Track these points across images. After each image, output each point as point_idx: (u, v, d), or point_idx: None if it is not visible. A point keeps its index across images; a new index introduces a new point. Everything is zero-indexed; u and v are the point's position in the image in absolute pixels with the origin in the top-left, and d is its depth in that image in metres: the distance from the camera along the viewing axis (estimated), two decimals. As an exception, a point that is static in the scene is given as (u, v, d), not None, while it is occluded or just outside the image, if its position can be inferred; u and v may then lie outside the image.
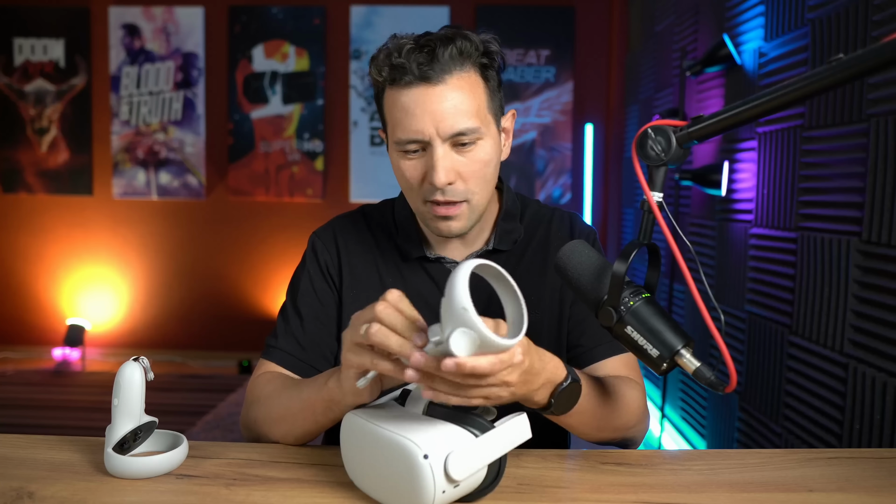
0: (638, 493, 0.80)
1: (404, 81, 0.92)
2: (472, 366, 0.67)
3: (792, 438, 1.81)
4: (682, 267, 0.73)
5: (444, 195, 0.95)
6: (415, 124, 0.92)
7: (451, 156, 0.94)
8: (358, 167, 4.25)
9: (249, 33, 4.24)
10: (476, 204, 0.98)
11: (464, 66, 0.93)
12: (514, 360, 0.71)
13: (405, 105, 0.93)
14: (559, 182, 4.23)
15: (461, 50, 0.92)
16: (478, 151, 0.95)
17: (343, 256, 1.09)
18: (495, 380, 0.71)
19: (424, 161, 0.95)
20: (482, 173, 0.96)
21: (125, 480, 0.81)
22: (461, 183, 0.95)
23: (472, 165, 0.95)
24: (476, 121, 0.93)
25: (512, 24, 4.14)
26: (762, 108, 0.74)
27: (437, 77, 0.91)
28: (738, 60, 2.21)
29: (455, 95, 0.92)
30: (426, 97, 0.92)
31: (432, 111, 0.91)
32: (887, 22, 1.44)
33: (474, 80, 0.94)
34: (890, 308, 1.41)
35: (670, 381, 2.85)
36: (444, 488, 0.70)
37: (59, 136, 4.33)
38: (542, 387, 0.79)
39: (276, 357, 1.05)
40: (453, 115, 0.92)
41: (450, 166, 0.94)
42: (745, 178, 2.15)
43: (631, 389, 0.98)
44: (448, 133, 0.92)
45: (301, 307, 1.07)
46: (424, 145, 0.94)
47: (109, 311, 4.38)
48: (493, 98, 0.98)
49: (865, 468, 0.87)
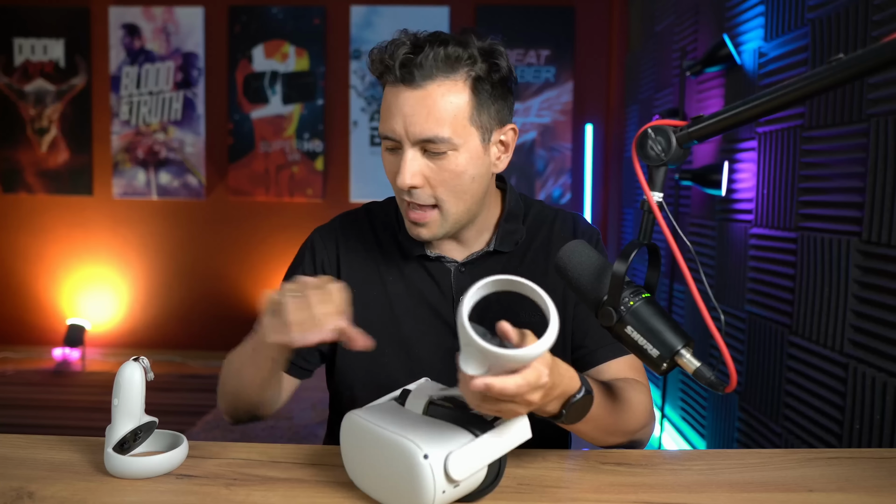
0: (638, 493, 0.80)
1: (389, 80, 0.95)
2: (499, 388, 0.68)
3: (792, 438, 1.81)
4: (682, 267, 0.73)
5: (410, 196, 0.97)
6: (389, 123, 0.94)
7: (419, 160, 0.95)
8: (358, 167, 4.25)
9: (249, 33, 4.24)
10: (449, 212, 0.98)
11: (451, 74, 0.92)
12: (540, 381, 0.71)
13: (386, 102, 0.95)
14: (559, 182, 4.23)
15: (449, 55, 0.92)
16: (448, 161, 0.94)
17: (342, 254, 1.10)
18: (519, 398, 0.71)
19: (398, 159, 0.97)
20: (453, 183, 0.96)
21: (125, 480, 0.81)
22: (428, 189, 0.96)
23: (441, 174, 0.95)
24: (448, 130, 0.92)
25: (512, 24, 4.14)
26: (762, 108, 0.74)
27: (417, 82, 0.92)
28: (738, 60, 2.21)
29: (431, 102, 0.92)
30: (402, 99, 0.93)
31: (404, 114, 0.92)
32: (887, 22, 1.44)
33: (459, 88, 0.93)
34: (890, 308, 1.41)
35: (670, 381, 2.85)
36: (444, 488, 0.70)
37: (59, 136, 4.33)
38: (556, 398, 0.79)
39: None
40: (424, 121, 0.92)
41: (416, 170, 0.94)
42: (745, 178, 2.15)
43: (639, 393, 0.98)
44: (416, 137, 0.93)
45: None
46: (398, 144, 0.96)
47: (109, 311, 4.38)
48: (480, 110, 0.95)
49: (865, 468, 0.87)
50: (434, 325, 1.05)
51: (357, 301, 1.07)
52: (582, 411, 0.82)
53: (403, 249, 1.08)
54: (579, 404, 0.80)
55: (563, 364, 0.80)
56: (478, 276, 1.05)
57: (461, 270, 1.06)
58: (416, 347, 1.05)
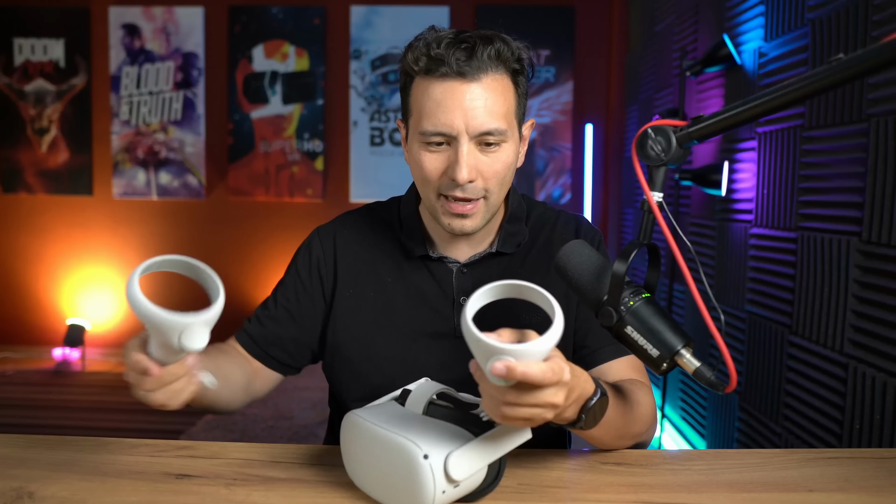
0: (638, 493, 0.80)
1: (440, 73, 0.93)
2: (522, 371, 0.65)
3: (792, 438, 1.81)
4: (682, 267, 0.73)
5: (463, 192, 0.96)
6: (445, 117, 0.93)
7: (475, 154, 0.95)
8: (358, 167, 4.25)
9: (249, 33, 4.24)
10: (492, 203, 0.99)
11: (498, 69, 0.95)
12: (563, 376, 0.69)
13: (437, 97, 0.93)
14: (559, 182, 4.23)
15: (499, 52, 0.94)
16: (501, 153, 0.96)
17: (340, 255, 1.10)
18: (542, 401, 0.69)
19: (447, 155, 0.96)
20: (502, 175, 0.98)
21: (125, 480, 0.81)
22: (481, 181, 0.96)
23: (494, 166, 0.96)
24: (504, 123, 0.95)
25: (512, 24, 4.13)
26: (762, 108, 0.74)
27: (473, 74, 0.92)
28: (738, 60, 2.21)
29: (488, 95, 0.93)
30: (460, 92, 0.92)
31: (464, 107, 0.92)
32: (887, 22, 1.44)
33: (506, 83, 0.96)
34: (890, 308, 1.41)
35: (670, 381, 2.85)
36: (444, 488, 0.70)
37: (59, 136, 4.33)
38: (574, 402, 0.77)
39: (240, 337, 1.12)
40: (484, 114, 0.93)
41: (473, 164, 0.95)
42: (745, 178, 2.15)
43: (644, 395, 0.98)
44: (477, 131, 0.93)
45: (278, 297, 1.11)
46: (450, 140, 0.95)
47: (109, 311, 4.38)
48: (519, 104, 0.99)
49: (865, 468, 0.87)
50: (434, 325, 1.05)
51: (355, 300, 1.08)
52: (599, 415, 0.81)
53: (405, 249, 1.08)
54: (596, 407, 0.79)
55: (577, 367, 0.78)
56: (479, 277, 1.06)
57: (463, 271, 1.06)
58: (415, 347, 1.05)
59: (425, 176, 0.98)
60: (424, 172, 0.98)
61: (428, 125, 0.94)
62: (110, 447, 0.92)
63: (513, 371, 0.65)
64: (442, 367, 1.02)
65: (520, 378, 0.66)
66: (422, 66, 0.94)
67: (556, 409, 0.71)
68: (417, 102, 0.96)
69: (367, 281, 1.08)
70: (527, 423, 0.72)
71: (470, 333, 0.67)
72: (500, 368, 0.65)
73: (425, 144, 0.96)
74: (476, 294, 0.70)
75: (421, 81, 0.95)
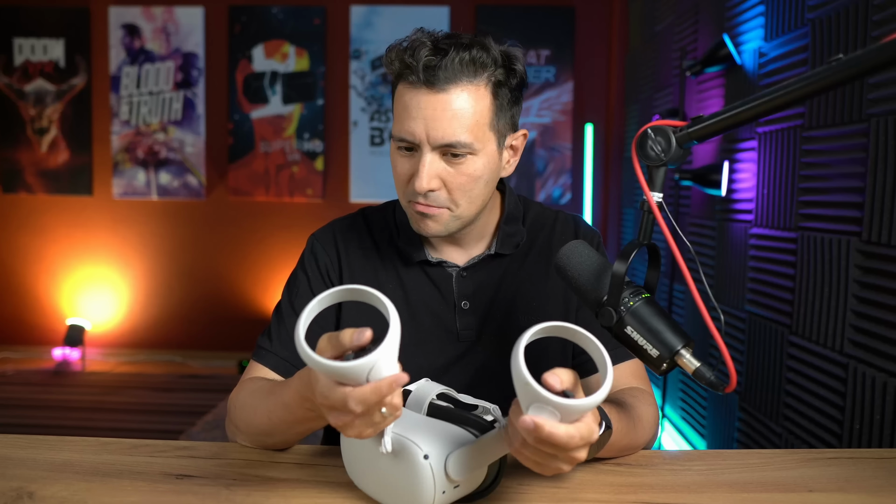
0: (638, 493, 0.80)
1: (409, 80, 0.92)
2: (548, 432, 0.63)
3: (792, 438, 1.81)
4: (682, 267, 0.73)
5: (425, 199, 0.95)
6: (409, 125, 0.92)
7: (437, 163, 0.93)
8: (358, 167, 4.25)
9: (249, 33, 4.24)
10: (459, 214, 0.98)
11: (474, 78, 0.92)
12: (592, 437, 0.67)
13: (406, 103, 0.93)
14: (559, 182, 4.23)
15: (474, 59, 0.91)
16: (467, 166, 0.94)
17: (343, 260, 1.08)
18: (563, 455, 0.67)
19: (413, 162, 0.95)
20: (468, 187, 0.95)
21: (125, 480, 0.81)
22: (444, 192, 0.95)
23: (458, 178, 0.94)
24: (470, 136, 0.92)
25: (512, 24, 4.14)
26: (762, 108, 0.74)
27: (441, 85, 0.90)
28: (738, 60, 2.21)
29: (455, 106, 0.90)
30: (425, 101, 0.91)
31: (426, 117, 0.91)
32: (887, 22, 1.44)
33: (482, 93, 0.92)
34: (890, 308, 1.41)
35: (670, 381, 2.85)
36: (444, 488, 0.70)
37: (59, 136, 4.33)
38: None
39: (269, 361, 1.02)
40: (447, 125, 0.91)
41: (434, 174, 0.93)
42: (745, 178, 2.15)
43: (647, 406, 0.97)
44: (438, 142, 0.92)
45: (298, 309, 1.04)
46: (415, 147, 0.94)
47: (109, 311, 4.38)
48: (499, 115, 0.95)
49: (865, 468, 0.87)
50: (434, 331, 1.04)
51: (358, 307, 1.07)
52: (601, 446, 0.80)
53: (403, 255, 1.06)
54: (601, 440, 0.78)
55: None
56: (479, 281, 1.05)
57: (462, 275, 1.05)
58: (415, 354, 1.03)
59: (398, 179, 0.98)
60: (396, 175, 0.98)
61: (396, 130, 0.94)
62: (110, 447, 0.92)
63: (539, 430, 0.63)
64: (442, 373, 1.01)
65: (545, 439, 0.64)
66: (395, 70, 0.94)
67: (573, 464, 0.69)
68: (395, 104, 0.96)
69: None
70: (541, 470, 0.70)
71: (519, 375, 0.64)
72: (528, 423, 0.63)
73: (397, 148, 0.96)
74: (528, 333, 0.67)
75: (399, 85, 0.95)
